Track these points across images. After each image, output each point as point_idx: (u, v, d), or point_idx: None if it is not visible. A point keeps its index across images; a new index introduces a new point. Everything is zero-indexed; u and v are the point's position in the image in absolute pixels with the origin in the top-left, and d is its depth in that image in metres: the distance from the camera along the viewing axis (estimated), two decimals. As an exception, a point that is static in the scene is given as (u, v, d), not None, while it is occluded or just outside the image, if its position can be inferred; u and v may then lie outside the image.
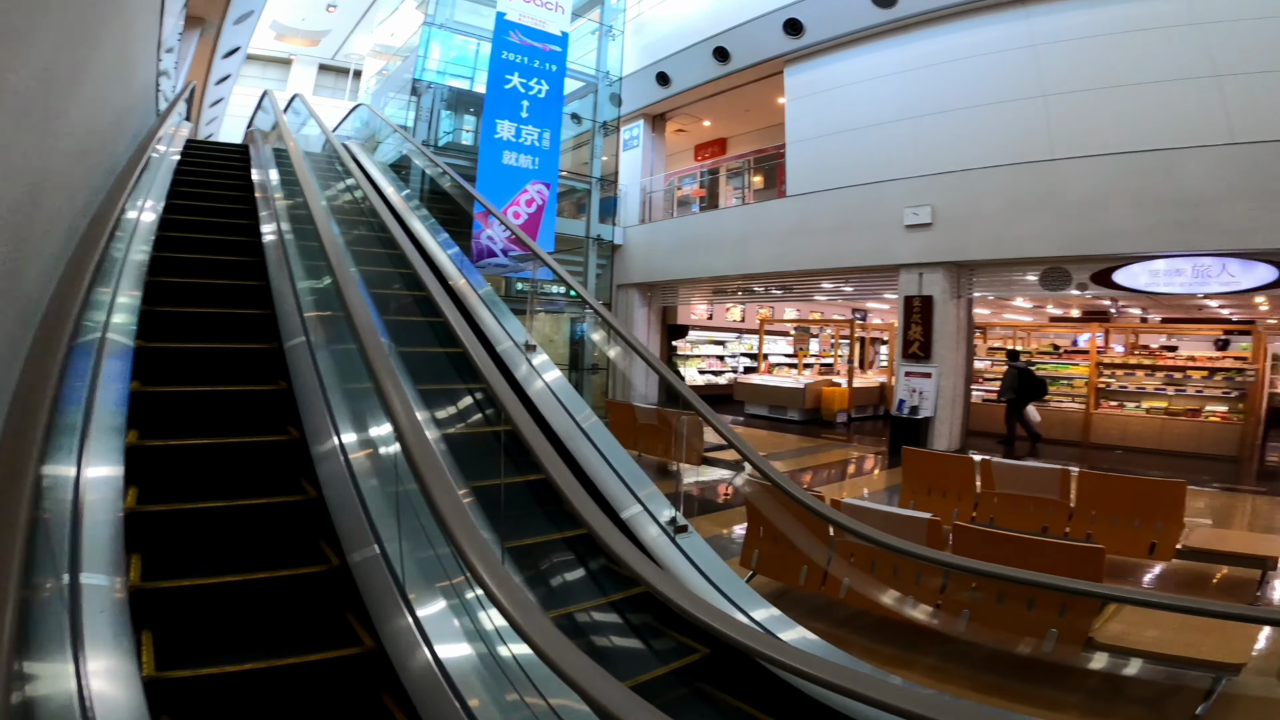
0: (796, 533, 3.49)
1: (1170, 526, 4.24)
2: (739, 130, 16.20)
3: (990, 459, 4.93)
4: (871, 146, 10.67)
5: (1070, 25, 9.03)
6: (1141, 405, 11.04)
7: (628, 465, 3.79)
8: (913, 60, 10.37)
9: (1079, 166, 8.59)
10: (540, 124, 11.70)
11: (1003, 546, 2.99)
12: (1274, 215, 7.33)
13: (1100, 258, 8.68)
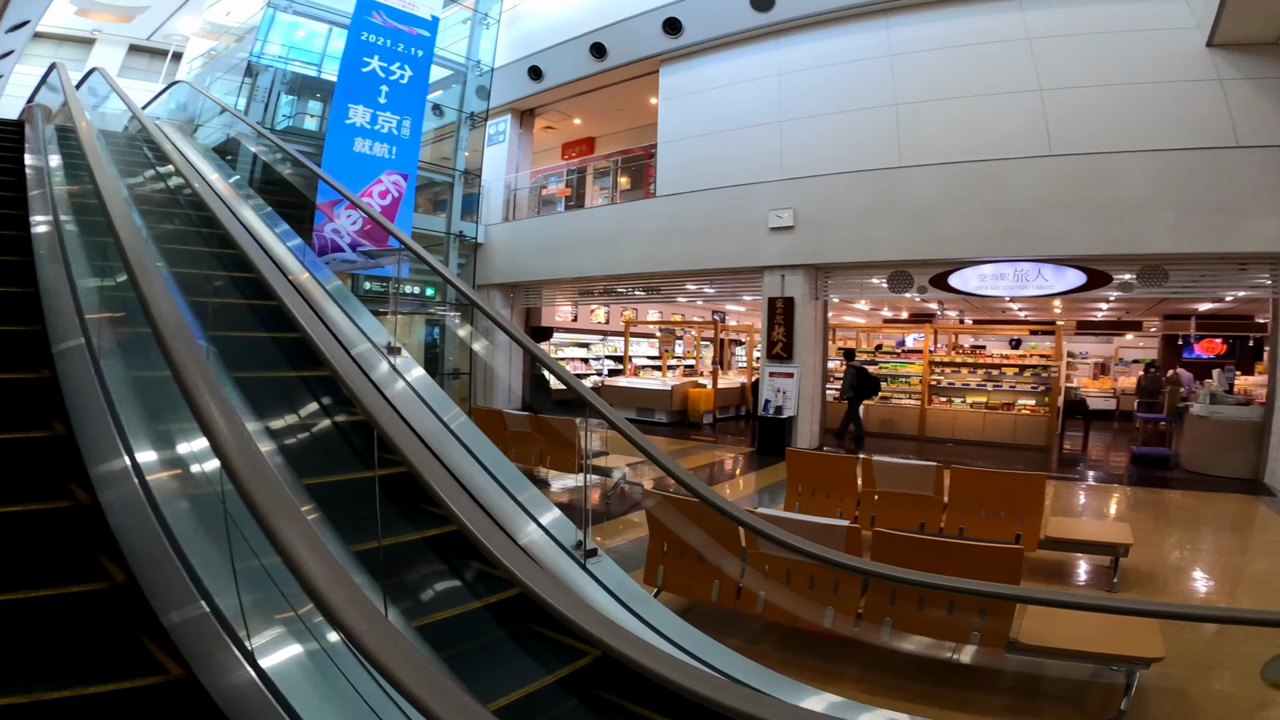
0: (707, 545, 3.30)
1: (1032, 518, 4.56)
2: (609, 130, 16.08)
3: (872, 458, 5.09)
4: (741, 148, 10.93)
5: (922, 37, 9.77)
6: (966, 400, 12.27)
7: (516, 480, 3.41)
8: (785, 64, 10.75)
9: (923, 174, 9.31)
10: (401, 111, 10.78)
11: (923, 551, 2.99)
12: (1084, 224, 8.36)
13: (939, 262, 9.46)
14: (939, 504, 4.78)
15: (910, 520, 4.81)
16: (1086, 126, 8.46)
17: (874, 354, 14.19)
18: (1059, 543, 4.50)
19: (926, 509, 4.78)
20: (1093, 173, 8.30)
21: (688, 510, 3.47)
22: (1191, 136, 7.91)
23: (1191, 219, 7.80)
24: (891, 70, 9.79)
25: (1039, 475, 4.61)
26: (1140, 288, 8.63)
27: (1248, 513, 6.93)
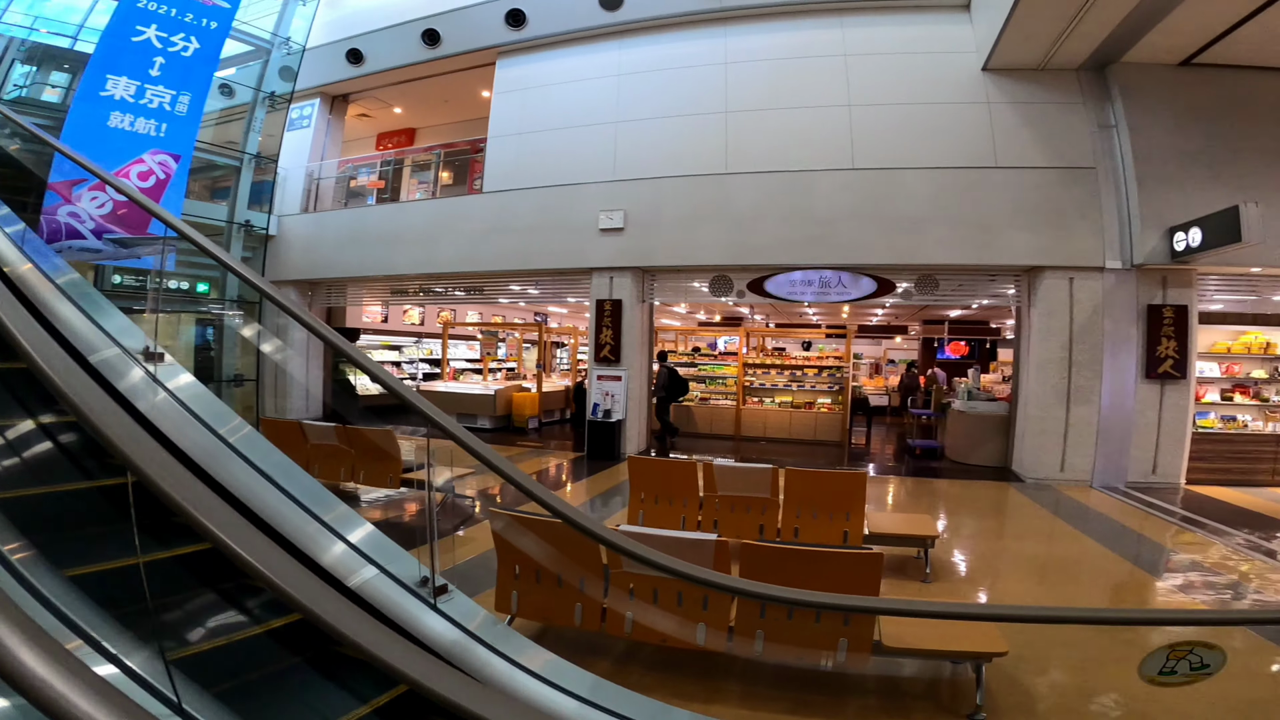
0: (566, 566, 2.99)
1: (856, 515, 4.87)
2: (433, 121, 15.09)
3: (712, 462, 5.12)
4: (575, 147, 10.72)
5: (755, 47, 10.23)
6: (775, 400, 13.19)
7: (321, 497, 2.85)
8: (626, 65, 10.75)
9: (746, 182, 9.76)
10: (178, 86, 9.15)
11: (790, 561, 2.95)
12: (877, 235, 9.26)
13: (756, 267, 10.00)
14: (775, 505, 4.93)
15: (750, 523, 4.90)
16: (883, 143, 9.36)
17: (693, 356, 14.76)
18: (878, 538, 4.83)
19: (764, 511, 4.90)
20: (886, 187, 9.23)
21: (544, 531, 3.14)
22: (962, 156, 9.06)
23: (958, 233, 8.96)
24: (725, 78, 10.18)
25: (861, 474, 4.92)
26: (917, 295, 9.80)
27: (1007, 498, 8.10)
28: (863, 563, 2.82)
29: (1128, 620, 2.77)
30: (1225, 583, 5.02)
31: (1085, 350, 8.61)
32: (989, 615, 2.74)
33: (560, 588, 3.09)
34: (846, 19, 9.98)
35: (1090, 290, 8.60)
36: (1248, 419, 8.77)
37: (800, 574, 2.86)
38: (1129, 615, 3.52)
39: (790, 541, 4.87)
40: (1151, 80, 8.54)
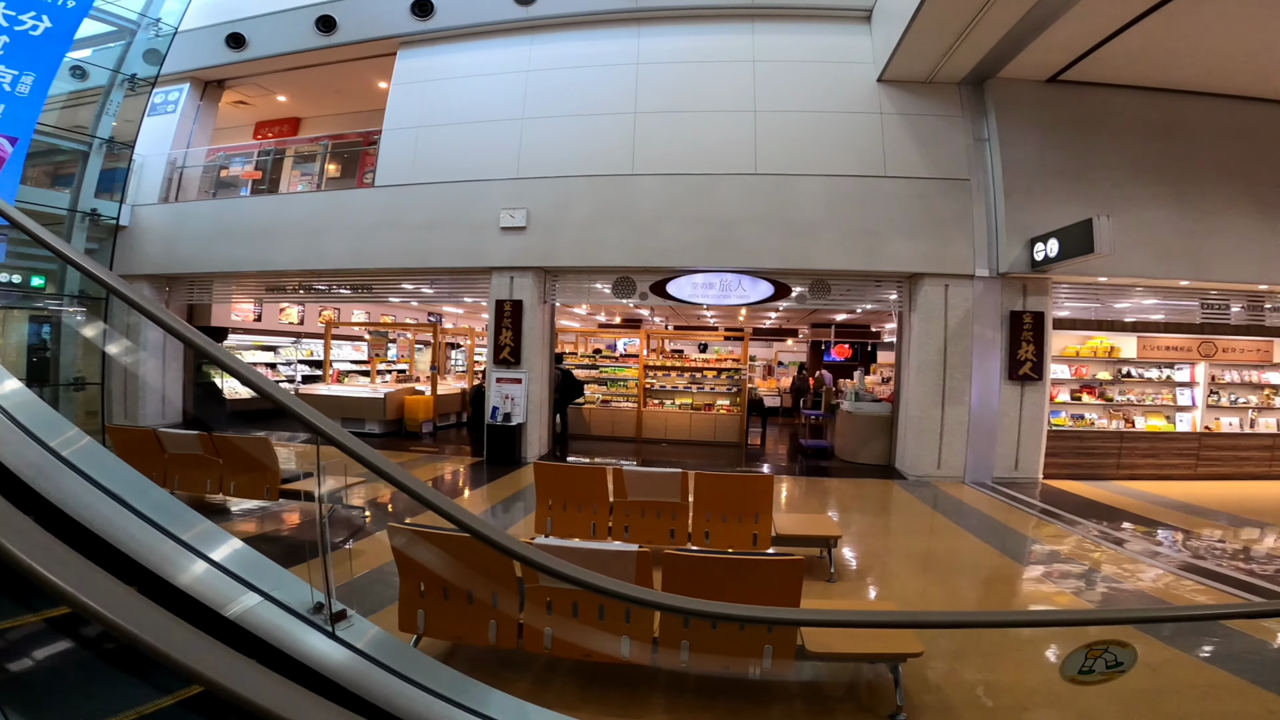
0: (476, 582, 2.78)
1: (764, 518, 4.93)
2: (322, 111, 14.11)
3: (622, 467, 5.02)
4: (478, 143, 10.34)
5: (668, 48, 10.24)
6: (675, 402, 13.33)
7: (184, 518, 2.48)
8: (536, 62, 10.49)
9: (652, 183, 9.76)
10: (22, 65, 8.17)
11: (714, 570, 2.89)
12: (776, 240, 9.51)
13: (659, 269, 10.03)
14: (685, 509, 4.90)
15: (661, 527, 4.84)
16: (784, 149, 9.64)
17: (594, 358, 14.64)
18: (785, 539, 4.93)
19: (675, 516, 4.86)
20: (785, 192, 9.52)
21: (453, 546, 2.90)
22: (856, 164, 9.49)
23: (849, 240, 9.38)
24: (636, 79, 10.15)
25: (769, 478, 4.98)
26: (811, 299, 10.20)
27: (893, 495, 8.57)
28: (784, 569, 2.81)
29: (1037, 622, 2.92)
30: (1080, 571, 5.52)
31: (958, 354, 9.28)
32: (913, 623, 2.80)
33: (471, 604, 2.87)
34: (758, 25, 10.21)
35: (962, 297, 9.27)
36: (1095, 417, 9.79)
37: (724, 582, 2.81)
38: (1037, 617, 3.76)
39: (702, 545, 4.87)
40: (1022, 96, 9.22)
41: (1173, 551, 6.08)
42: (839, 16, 10.05)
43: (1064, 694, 3.07)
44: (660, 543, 4.82)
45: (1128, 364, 9.88)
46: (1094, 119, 9.16)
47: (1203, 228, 8.85)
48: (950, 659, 3.41)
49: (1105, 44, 8.13)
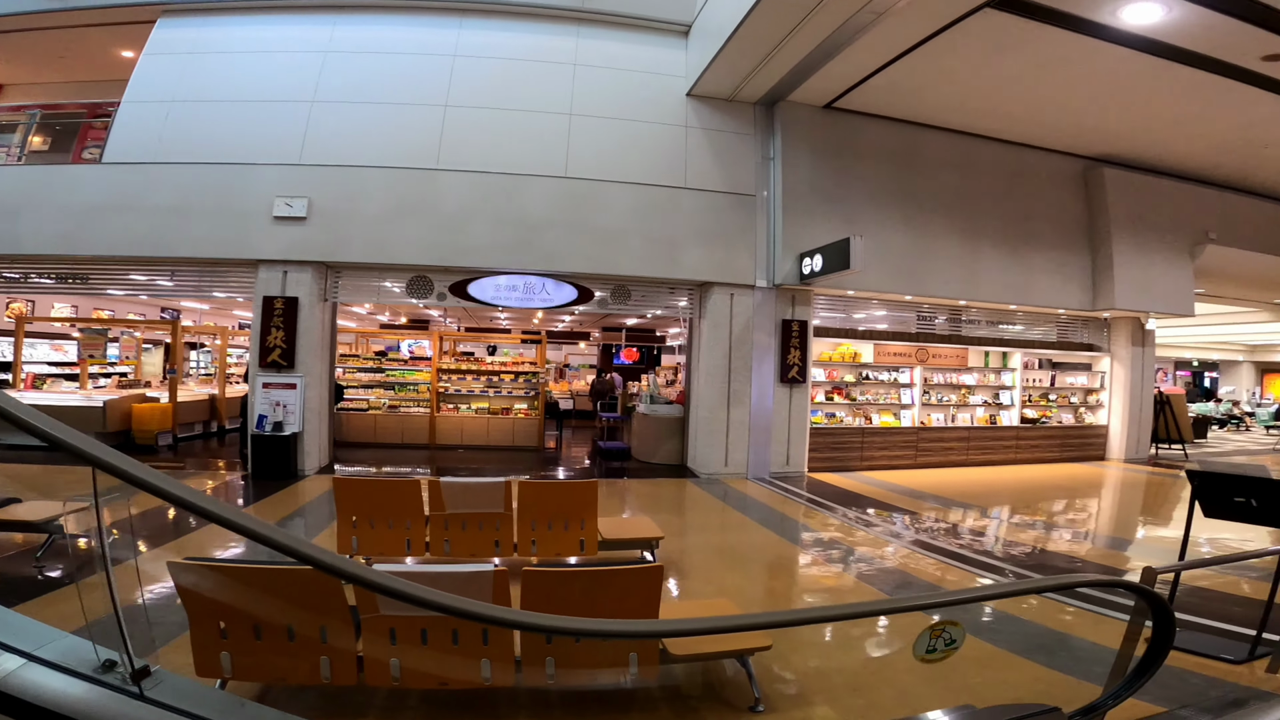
0: (297, 615, 2.36)
1: (590, 523, 4.92)
2: (33, 78, 11.47)
3: (439, 479, 4.65)
4: (252, 123, 9.08)
5: (489, 42, 9.74)
6: (472, 407, 12.85)
7: None
8: (340, 43, 9.53)
9: (458, 179, 9.27)
10: None
11: (571, 583, 2.78)
12: (582, 244, 9.57)
13: (463, 270, 9.58)
14: (509, 519, 4.73)
15: (485, 540, 4.61)
16: (596, 154, 9.72)
17: (378, 361, 13.53)
18: (611, 543, 4.99)
19: (499, 526, 4.66)
20: (594, 198, 9.62)
21: (265, 579, 2.45)
22: (660, 174, 9.88)
23: (651, 248, 9.78)
24: (452, 71, 9.58)
25: (593, 484, 4.97)
26: (613, 304, 10.49)
27: (690, 493, 9.11)
28: (645, 577, 2.83)
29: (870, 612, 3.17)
30: (850, 553, 6.39)
31: (740, 358, 10.19)
32: (769, 623, 2.94)
33: (293, 641, 2.44)
34: (583, 28, 10.19)
35: (745, 305, 10.19)
36: (843, 415, 11.40)
37: (586, 595, 2.75)
38: (869, 607, 4.20)
39: (529, 555, 4.73)
40: (803, 119, 10.28)
41: (909, 531, 7.31)
42: (661, 29, 10.39)
43: (882, 671, 3.52)
44: (485, 554, 4.62)
45: (867, 368, 11.67)
46: (852, 145, 10.47)
47: (923, 249, 10.67)
48: (789, 649, 3.72)
49: (871, 77, 9.24)
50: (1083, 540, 7.12)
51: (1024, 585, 2.53)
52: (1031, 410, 12.53)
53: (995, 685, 3.29)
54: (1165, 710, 2.58)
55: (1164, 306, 12.11)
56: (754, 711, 3.02)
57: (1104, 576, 2.70)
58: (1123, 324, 12.83)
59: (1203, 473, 3.79)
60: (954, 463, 11.56)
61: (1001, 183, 11.29)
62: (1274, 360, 28.55)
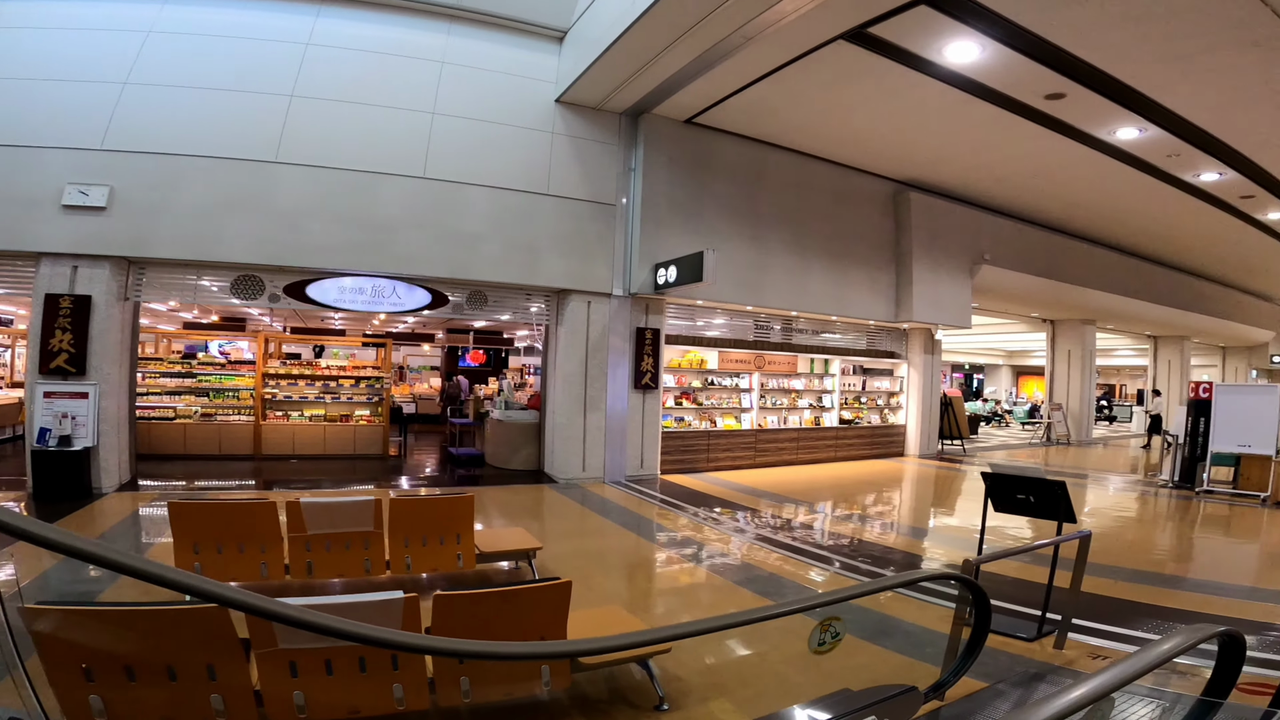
0: (178, 657, 2.11)
1: (466, 537, 4.82)
2: None
3: (300, 499, 4.31)
4: (40, 102, 7.78)
5: (350, 33, 9.04)
6: (305, 414, 11.85)
7: None
8: (167, 23, 8.49)
9: (300, 174, 8.53)
10: None
11: (483, 604, 2.73)
12: (438, 248, 9.24)
13: (301, 270, 8.84)
14: (380, 538, 4.52)
15: (353, 560, 4.37)
16: (458, 155, 9.38)
17: (188, 365, 12.01)
18: (489, 555, 4.93)
19: (369, 545, 4.43)
20: (453, 200, 9.32)
21: (140, 621, 2.17)
22: (524, 179, 9.76)
23: (510, 253, 9.67)
24: (302, 60, 8.78)
25: (469, 497, 4.85)
26: (469, 310, 10.24)
27: (552, 499, 9.15)
28: (553, 593, 2.89)
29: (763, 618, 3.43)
30: (706, 550, 6.85)
31: (596, 365, 10.42)
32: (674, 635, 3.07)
33: (175, 681, 2.18)
34: (455, 26, 9.76)
35: (602, 313, 10.43)
36: (691, 419, 12.06)
37: (498, 614, 2.75)
38: (762, 613, 4.49)
39: (403, 573, 4.55)
40: (665, 133, 10.62)
41: (752, 528, 7.96)
42: (536, 33, 10.20)
43: (763, 664, 3.83)
44: (354, 574, 4.41)
45: (712, 374, 12.45)
46: (708, 161, 11.03)
47: (763, 263, 11.56)
48: (681, 649, 3.93)
49: (732, 96, 9.72)
50: (890, 530, 8.20)
51: (882, 584, 2.94)
52: (848, 412, 14.09)
53: (855, 669, 3.74)
54: (987, 685, 3.16)
55: (950, 319, 14.19)
56: (659, 710, 3.21)
57: (943, 570, 3.21)
58: (918, 334, 14.82)
59: (994, 474, 4.61)
60: (786, 461, 12.68)
61: (830, 202, 12.51)
62: (1027, 364, 34.38)
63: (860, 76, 8.90)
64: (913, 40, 7.94)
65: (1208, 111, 9.15)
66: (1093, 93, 8.73)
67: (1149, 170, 11.57)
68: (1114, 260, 17.99)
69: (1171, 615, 4.73)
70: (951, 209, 14.07)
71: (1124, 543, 7.38)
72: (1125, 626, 4.48)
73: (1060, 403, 19.36)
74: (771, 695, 3.38)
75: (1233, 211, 13.87)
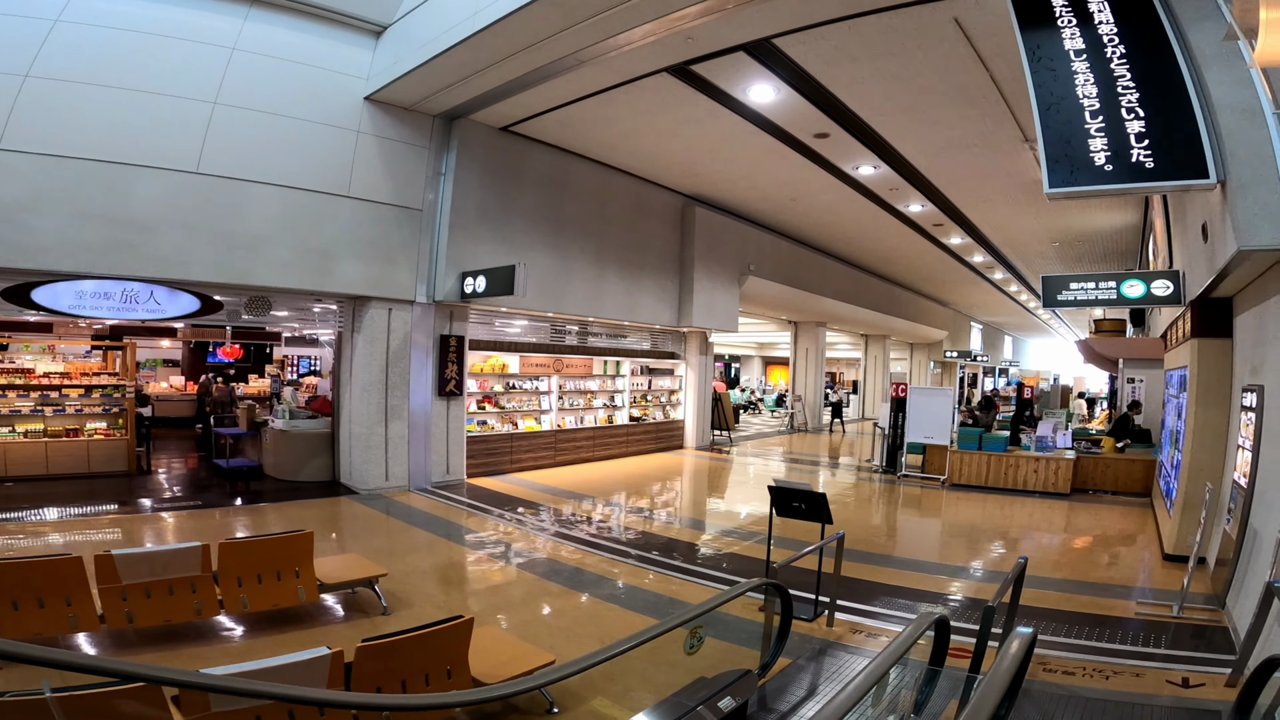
0: None
1: (306, 570, 4.65)
2: None
3: (111, 552, 3.84)
4: None
5: (113, 10, 7.69)
6: (17, 429, 9.76)
7: None
8: None
9: (26, 162, 7.12)
10: None
11: (401, 649, 2.85)
12: (209, 250, 8.27)
13: (25, 272, 7.37)
14: (209, 580, 4.24)
15: (183, 605, 4.10)
16: (241, 150, 8.41)
17: None
18: (332, 586, 4.83)
19: (196, 589, 4.16)
20: (232, 198, 8.37)
21: None
22: (320, 180, 9.04)
23: (301, 257, 8.94)
24: (45, 37, 7.25)
25: (308, 534, 4.68)
26: (247, 315, 9.32)
27: (357, 511, 8.80)
28: (458, 631, 3.16)
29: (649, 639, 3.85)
30: (506, 549, 7.27)
31: (398, 373, 10.15)
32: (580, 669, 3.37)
33: None
34: (255, 10, 8.64)
35: (404, 320, 10.17)
36: (494, 423, 12.23)
37: (411, 658, 2.97)
38: (650, 632, 4.92)
39: (241, 612, 4.34)
40: (479, 139, 10.47)
41: (555, 525, 8.57)
42: (349, 25, 9.38)
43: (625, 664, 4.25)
44: (183, 618, 4.20)
45: (513, 378, 12.75)
46: (517, 169, 11.13)
47: (564, 271, 12.02)
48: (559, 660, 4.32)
49: (554, 110, 9.94)
50: (675, 522, 9.30)
51: (733, 593, 3.54)
52: (636, 410, 15.33)
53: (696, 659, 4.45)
54: (791, 661, 4.07)
55: (721, 325, 16.12)
56: (551, 714, 3.64)
57: (764, 581, 3.99)
58: (694, 336, 16.57)
59: (777, 489, 5.74)
60: (584, 459, 13.48)
61: (627, 212, 13.39)
62: (774, 355, 39.64)
63: (673, 104, 9.68)
64: (724, 79, 8.90)
65: (924, 156, 11.58)
66: (849, 135, 10.55)
67: (874, 199, 14.28)
68: (840, 270, 21.70)
69: (897, 593, 6.18)
70: (727, 224, 15.92)
71: (856, 526, 9.16)
72: (869, 604, 5.81)
73: (801, 395, 22.90)
74: (636, 687, 3.98)
75: (927, 235, 17.66)
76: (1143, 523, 9.41)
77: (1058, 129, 4.91)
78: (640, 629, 2.96)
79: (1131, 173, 4.67)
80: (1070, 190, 4.80)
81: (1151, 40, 4.88)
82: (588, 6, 6.77)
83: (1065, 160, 4.83)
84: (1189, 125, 4.56)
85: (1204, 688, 4.22)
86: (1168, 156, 4.60)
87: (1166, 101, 4.67)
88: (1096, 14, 5.13)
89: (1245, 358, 6.06)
